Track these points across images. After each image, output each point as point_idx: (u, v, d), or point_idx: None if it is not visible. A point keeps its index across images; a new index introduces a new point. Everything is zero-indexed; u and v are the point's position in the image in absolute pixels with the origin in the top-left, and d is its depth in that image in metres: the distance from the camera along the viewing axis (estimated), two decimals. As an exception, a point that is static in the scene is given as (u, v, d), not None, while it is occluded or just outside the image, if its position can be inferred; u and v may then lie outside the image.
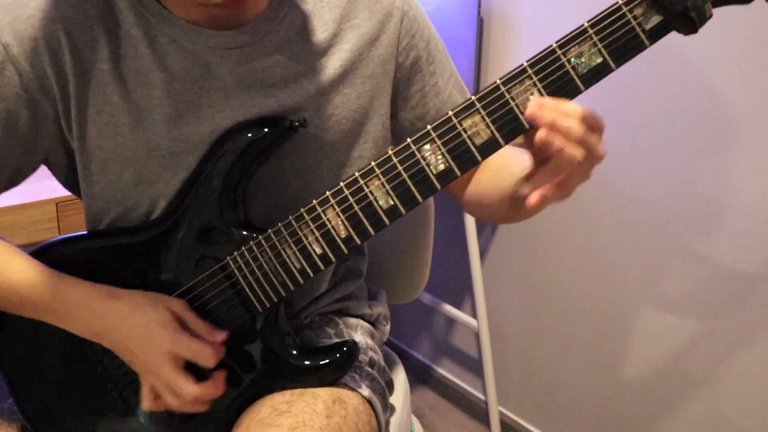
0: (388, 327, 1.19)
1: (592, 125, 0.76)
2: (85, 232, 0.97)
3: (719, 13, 0.73)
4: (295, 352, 0.92)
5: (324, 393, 0.92)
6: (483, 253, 1.88)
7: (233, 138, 0.89)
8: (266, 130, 0.88)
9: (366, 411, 0.95)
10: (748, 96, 1.31)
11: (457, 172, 0.80)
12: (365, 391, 0.97)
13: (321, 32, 0.94)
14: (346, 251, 0.86)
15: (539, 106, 0.75)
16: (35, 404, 0.99)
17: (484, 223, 1.86)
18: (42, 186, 1.02)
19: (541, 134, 0.74)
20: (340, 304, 1.11)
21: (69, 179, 0.97)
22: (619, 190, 1.55)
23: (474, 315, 1.85)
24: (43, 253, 0.96)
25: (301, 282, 0.88)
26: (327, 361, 0.92)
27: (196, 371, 0.89)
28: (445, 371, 2.14)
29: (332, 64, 0.93)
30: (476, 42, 1.72)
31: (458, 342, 2.07)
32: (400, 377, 1.21)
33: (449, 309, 1.94)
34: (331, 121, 0.94)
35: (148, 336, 0.87)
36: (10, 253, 0.93)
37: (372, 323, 1.15)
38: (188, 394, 0.87)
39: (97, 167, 0.91)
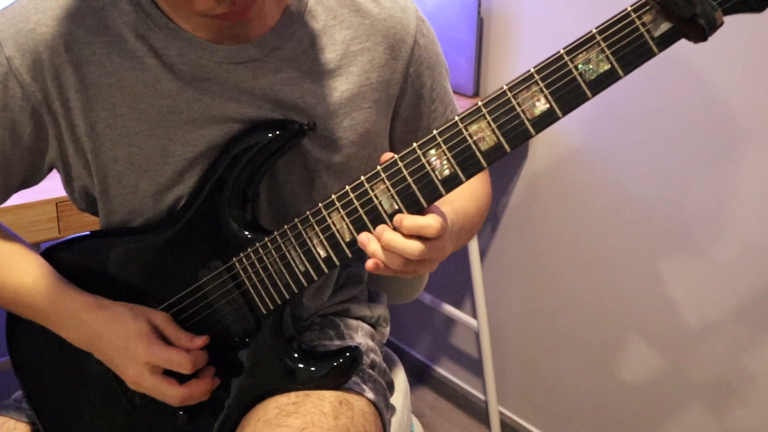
0: (387, 329, 1.19)
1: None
2: (97, 231, 0.98)
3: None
4: (298, 356, 0.93)
5: (329, 395, 0.93)
6: (483, 253, 1.88)
7: (243, 140, 0.90)
8: (277, 132, 0.89)
9: (372, 412, 0.96)
10: (752, 97, 1.31)
11: (462, 178, 0.80)
12: (369, 394, 0.98)
13: (330, 52, 0.93)
14: (350, 255, 0.86)
15: (367, 239, 0.82)
16: (47, 403, 1.00)
17: (485, 223, 1.86)
18: (42, 186, 1.02)
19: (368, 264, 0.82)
20: (340, 306, 1.11)
21: (71, 192, 0.98)
22: (621, 190, 1.55)
23: (474, 315, 1.85)
24: (53, 251, 0.98)
25: (305, 285, 0.88)
26: (331, 366, 0.92)
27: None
28: (445, 371, 2.14)
29: (340, 86, 0.93)
30: (476, 42, 1.72)
31: (458, 342, 2.07)
32: (400, 377, 1.22)
33: (449, 309, 1.94)
34: (339, 144, 0.94)
35: (126, 347, 0.89)
36: (14, 255, 0.94)
37: (372, 325, 1.15)
38: (174, 396, 0.89)
39: (113, 180, 0.92)
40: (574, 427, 1.80)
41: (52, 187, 1.00)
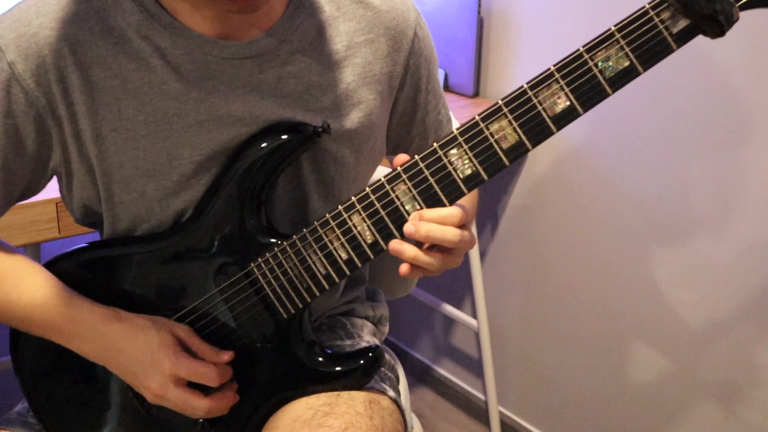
0: (387, 327, 1.20)
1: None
2: (105, 240, 0.96)
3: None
4: (322, 359, 0.93)
5: (358, 395, 0.93)
6: (483, 253, 1.88)
7: (256, 144, 0.89)
8: (290, 136, 0.88)
9: (396, 410, 0.97)
10: (755, 94, 1.32)
11: (484, 176, 0.81)
12: (391, 392, 0.99)
13: (335, 43, 0.93)
14: (372, 256, 0.86)
15: (401, 246, 0.83)
16: (57, 416, 0.98)
17: (485, 223, 1.86)
18: (42, 186, 1.02)
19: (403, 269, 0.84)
20: (346, 307, 1.12)
21: (69, 201, 0.96)
22: (621, 190, 1.56)
23: (474, 315, 1.85)
24: (61, 261, 0.95)
25: (327, 287, 0.88)
26: (355, 367, 0.93)
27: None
28: (445, 371, 2.14)
29: (345, 78, 0.93)
30: (476, 42, 1.72)
31: (458, 342, 2.08)
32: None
33: (449, 309, 1.94)
34: (345, 137, 0.94)
35: (150, 359, 0.88)
36: (20, 270, 0.92)
37: (374, 324, 1.16)
38: (200, 409, 0.89)
39: (119, 186, 0.90)
40: (574, 428, 1.81)
41: (52, 187, 0.99)
